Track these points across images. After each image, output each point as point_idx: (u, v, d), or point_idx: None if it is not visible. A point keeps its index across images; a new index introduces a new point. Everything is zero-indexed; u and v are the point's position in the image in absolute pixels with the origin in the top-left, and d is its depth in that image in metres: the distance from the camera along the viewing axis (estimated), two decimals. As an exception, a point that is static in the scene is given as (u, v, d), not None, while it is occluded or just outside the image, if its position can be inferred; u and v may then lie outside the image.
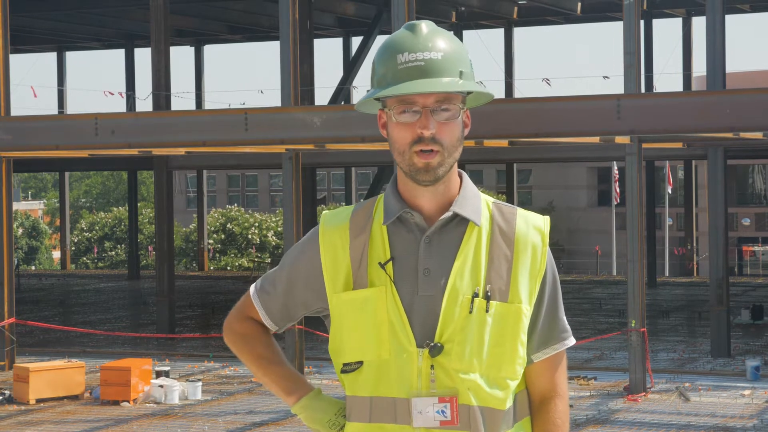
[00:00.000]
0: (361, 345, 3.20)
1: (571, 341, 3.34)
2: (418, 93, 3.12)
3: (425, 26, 3.19)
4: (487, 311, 3.16)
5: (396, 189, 3.24)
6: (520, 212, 3.27)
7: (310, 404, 3.36)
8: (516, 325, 3.20)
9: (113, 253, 64.31)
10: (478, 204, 3.24)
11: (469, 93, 3.22)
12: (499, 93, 35.75)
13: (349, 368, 3.23)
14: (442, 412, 3.14)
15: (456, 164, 3.21)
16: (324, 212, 3.36)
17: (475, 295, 3.17)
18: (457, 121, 3.18)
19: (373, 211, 3.27)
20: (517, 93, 35.33)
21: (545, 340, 3.28)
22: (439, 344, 3.14)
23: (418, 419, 3.15)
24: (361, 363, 3.21)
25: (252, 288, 3.41)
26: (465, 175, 3.27)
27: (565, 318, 3.34)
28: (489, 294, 3.18)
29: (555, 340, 3.30)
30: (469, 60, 3.21)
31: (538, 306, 3.26)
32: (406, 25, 3.21)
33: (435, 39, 3.17)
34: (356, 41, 33.60)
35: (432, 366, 3.15)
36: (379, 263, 3.20)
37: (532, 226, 3.25)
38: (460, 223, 3.21)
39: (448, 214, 3.19)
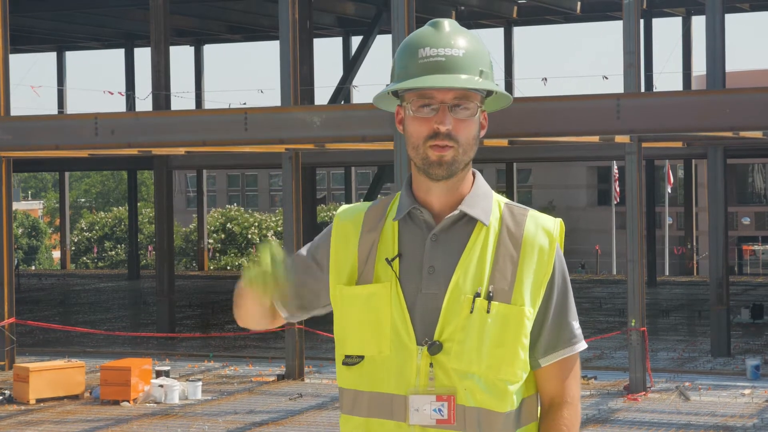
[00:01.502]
0: (363, 340, 3.20)
1: (581, 346, 3.28)
2: (435, 87, 3.12)
3: (448, 24, 3.19)
4: (488, 312, 3.13)
5: (410, 186, 3.24)
6: (532, 214, 3.23)
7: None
8: (518, 328, 3.16)
9: (113, 252, 64.31)
10: (488, 204, 3.22)
11: (488, 94, 3.21)
12: (499, 92, 35.70)
13: (350, 361, 3.22)
14: (439, 410, 3.12)
15: (471, 164, 3.21)
16: (341, 207, 3.36)
17: (477, 294, 3.14)
18: (474, 120, 3.17)
19: (388, 208, 3.28)
20: (517, 92, 35.34)
21: (553, 344, 3.23)
22: (438, 342, 3.13)
23: (414, 417, 3.13)
24: (362, 357, 3.21)
25: None
26: (479, 175, 3.27)
27: (576, 323, 3.27)
28: (491, 294, 3.14)
29: (563, 344, 3.24)
30: (490, 61, 3.22)
31: (546, 309, 3.21)
32: (429, 22, 3.22)
33: (457, 36, 3.17)
34: (356, 41, 33.61)
35: (431, 364, 3.13)
36: (386, 259, 3.20)
37: (542, 228, 3.21)
38: (469, 222, 3.20)
39: (456, 212, 3.18)
